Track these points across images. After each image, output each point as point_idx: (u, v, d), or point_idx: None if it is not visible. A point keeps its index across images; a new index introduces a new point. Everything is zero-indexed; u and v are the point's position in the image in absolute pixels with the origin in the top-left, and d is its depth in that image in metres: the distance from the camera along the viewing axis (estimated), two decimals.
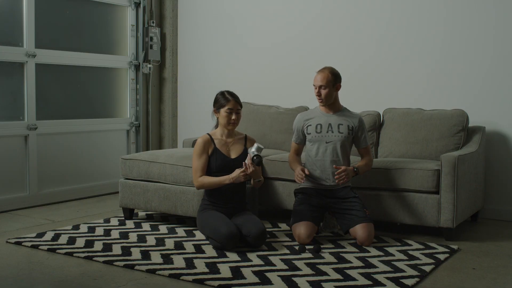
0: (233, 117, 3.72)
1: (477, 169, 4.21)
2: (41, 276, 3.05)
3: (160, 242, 3.71)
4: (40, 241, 3.69)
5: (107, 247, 3.56)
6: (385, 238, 3.87)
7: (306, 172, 3.75)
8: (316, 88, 3.84)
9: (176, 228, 4.10)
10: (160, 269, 3.12)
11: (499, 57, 4.54)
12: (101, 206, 5.01)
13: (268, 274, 3.04)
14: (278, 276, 3.02)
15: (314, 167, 3.86)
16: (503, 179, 4.56)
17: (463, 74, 4.67)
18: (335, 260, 3.33)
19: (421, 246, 3.67)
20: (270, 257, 3.36)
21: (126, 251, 3.48)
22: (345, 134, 3.83)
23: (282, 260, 3.32)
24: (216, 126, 3.86)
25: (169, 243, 3.69)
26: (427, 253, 3.50)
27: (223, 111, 3.71)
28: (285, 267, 3.19)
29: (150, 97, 5.96)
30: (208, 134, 3.82)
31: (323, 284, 2.91)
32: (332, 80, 3.82)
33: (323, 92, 3.82)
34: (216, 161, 3.70)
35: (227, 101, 3.70)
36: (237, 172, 3.57)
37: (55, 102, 5.25)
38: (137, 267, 3.16)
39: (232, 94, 3.75)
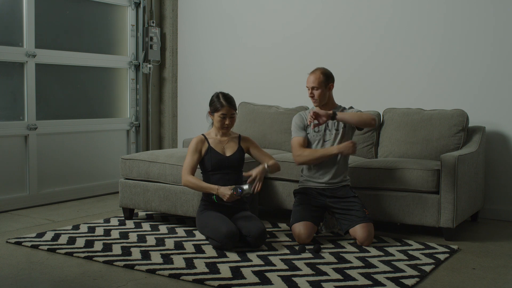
0: (227, 122, 3.73)
1: (477, 169, 4.21)
2: (41, 276, 3.05)
3: (160, 242, 3.71)
4: (40, 241, 3.69)
5: (107, 247, 3.56)
6: (385, 238, 3.87)
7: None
8: (309, 90, 3.85)
9: (176, 228, 4.10)
10: (160, 269, 3.12)
11: (499, 57, 4.54)
12: (101, 206, 5.01)
13: (268, 274, 3.05)
14: (278, 276, 3.02)
15: (312, 167, 3.86)
16: (503, 179, 4.56)
17: (463, 74, 4.67)
18: (335, 260, 3.33)
19: (421, 246, 3.67)
20: (270, 257, 3.36)
21: (126, 251, 3.48)
22: (341, 132, 3.84)
23: (282, 260, 3.32)
24: (212, 125, 3.88)
25: (169, 243, 3.69)
26: (427, 253, 3.50)
27: (217, 115, 3.73)
28: (285, 267, 3.19)
29: (150, 97, 5.96)
30: (202, 134, 3.84)
31: (323, 284, 2.91)
32: (324, 81, 3.82)
33: (316, 93, 3.82)
34: (211, 159, 3.71)
35: (221, 106, 3.71)
36: (227, 191, 3.56)
37: (55, 102, 5.25)
38: (137, 267, 3.16)
39: (227, 98, 3.74)
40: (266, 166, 3.69)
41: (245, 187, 3.58)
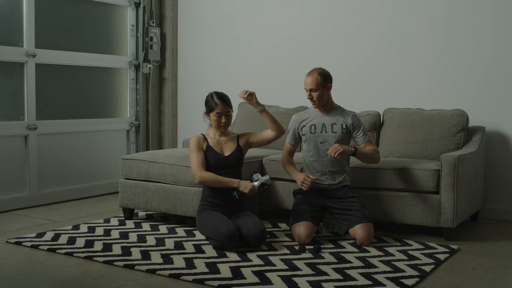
0: (223, 120, 3.74)
1: (477, 169, 4.21)
2: (41, 276, 3.05)
3: (160, 242, 3.71)
4: (40, 241, 3.69)
5: (107, 247, 3.56)
6: (385, 238, 3.87)
7: (313, 177, 3.74)
8: (307, 92, 3.85)
9: (176, 228, 4.10)
10: (160, 269, 3.12)
11: (499, 57, 4.54)
12: (101, 206, 5.01)
13: (268, 274, 3.05)
14: (278, 276, 3.02)
15: (311, 168, 3.86)
16: (503, 179, 4.56)
17: (463, 74, 4.68)
18: (335, 260, 3.33)
19: (421, 246, 3.67)
20: (270, 257, 3.36)
21: (126, 251, 3.48)
22: (339, 133, 3.83)
23: (282, 260, 3.32)
24: (210, 126, 3.88)
25: (169, 243, 3.69)
26: (427, 253, 3.50)
27: (212, 114, 3.74)
28: (285, 267, 3.19)
29: (150, 97, 5.96)
30: (202, 134, 3.84)
31: (323, 284, 2.91)
32: (321, 82, 3.80)
33: (314, 94, 3.82)
34: (210, 159, 3.71)
35: (215, 104, 3.72)
36: (248, 184, 3.58)
37: (55, 102, 5.25)
38: (137, 267, 3.17)
39: (220, 97, 3.75)
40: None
41: (265, 178, 3.66)
